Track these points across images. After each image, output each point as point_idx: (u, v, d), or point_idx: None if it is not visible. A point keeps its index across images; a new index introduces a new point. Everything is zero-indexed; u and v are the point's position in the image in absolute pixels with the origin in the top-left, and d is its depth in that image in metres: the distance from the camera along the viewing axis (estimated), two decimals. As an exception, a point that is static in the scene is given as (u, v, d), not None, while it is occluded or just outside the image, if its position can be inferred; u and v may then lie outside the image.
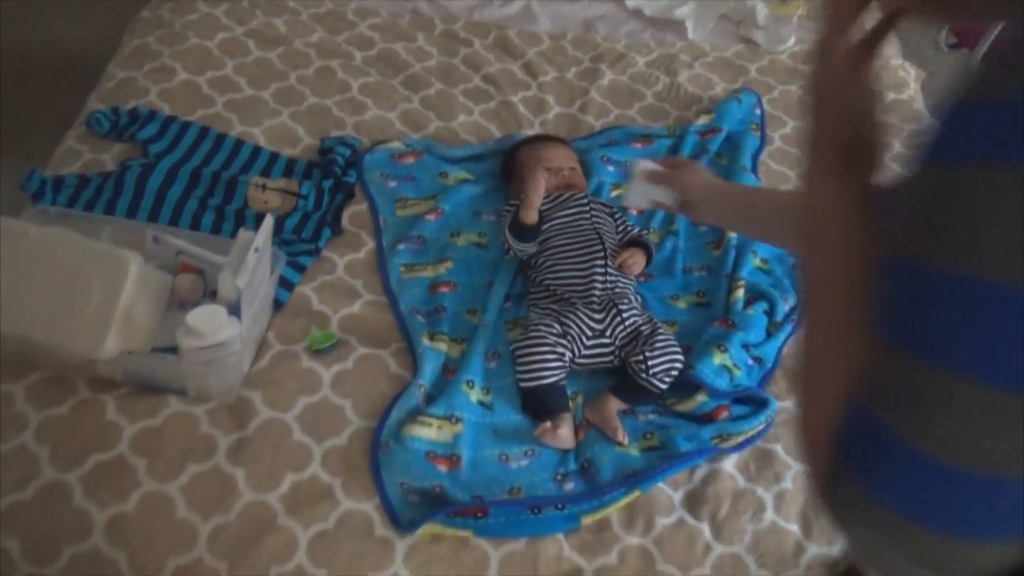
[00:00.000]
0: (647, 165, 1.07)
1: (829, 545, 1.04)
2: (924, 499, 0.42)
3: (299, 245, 1.26)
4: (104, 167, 1.35)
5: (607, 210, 1.32)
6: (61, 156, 1.36)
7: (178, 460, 1.02)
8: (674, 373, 1.12)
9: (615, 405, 1.12)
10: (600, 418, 1.11)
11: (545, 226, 1.26)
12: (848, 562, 1.02)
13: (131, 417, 1.05)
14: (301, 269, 1.23)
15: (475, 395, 1.10)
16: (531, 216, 1.22)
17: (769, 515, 1.05)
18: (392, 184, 1.38)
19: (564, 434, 1.07)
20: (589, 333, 1.15)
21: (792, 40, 1.79)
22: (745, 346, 1.18)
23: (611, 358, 1.17)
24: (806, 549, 1.04)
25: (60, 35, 2.28)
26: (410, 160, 1.42)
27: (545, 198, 1.30)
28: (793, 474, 1.09)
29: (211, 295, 1.14)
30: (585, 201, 1.30)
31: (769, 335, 1.22)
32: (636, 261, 1.24)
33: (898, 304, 0.42)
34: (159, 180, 1.31)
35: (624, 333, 1.15)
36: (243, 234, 1.03)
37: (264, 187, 1.33)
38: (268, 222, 1.04)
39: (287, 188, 1.34)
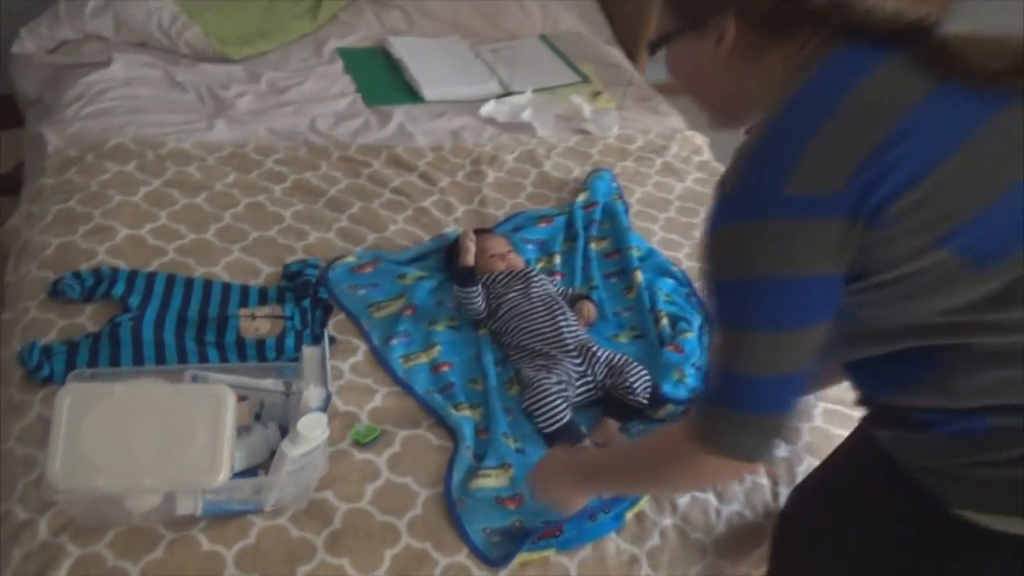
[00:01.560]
0: None
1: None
2: (756, 397, 0.80)
3: (306, 360, 1.40)
4: (85, 329, 1.38)
5: (547, 278, 1.62)
6: (30, 326, 1.37)
7: (287, 568, 1.12)
8: (649, 388, 1.43)
9: (614, 426, 1.40)
10: (607, 439, 1.38)
11: (506, 299, 1.53)
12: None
13: (226, 543, 1.12)
14: (318, 379, 1.37)
15: (512, 444, 1.32)
16: (465, 260, 1.55)
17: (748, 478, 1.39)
18: (361, 292, 1.57)
19: None
20: (576, 375, 1.43)
21: (615, 128, 2.26)
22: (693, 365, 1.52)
23: (595, 391, 1.45)
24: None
25: None
26: (369, 269, 1.61)
27: (499, 276, 1.57)
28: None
29: (256, 417, 1.25)
30: (531, 273, 1.59)
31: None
32: (591, 310, 1.55)
33: (720, 304, 0.80)
34: (151, 329, 1.38)
35: (601, 369, 1.44)
36: (307, 350, 1.18)
37: (254, 316, 1.45)
38: (326, 339, 1.19)
39: (274, 313, 1.47)
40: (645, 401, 1.42)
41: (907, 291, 0.75)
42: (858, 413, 1.01)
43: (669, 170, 2.16)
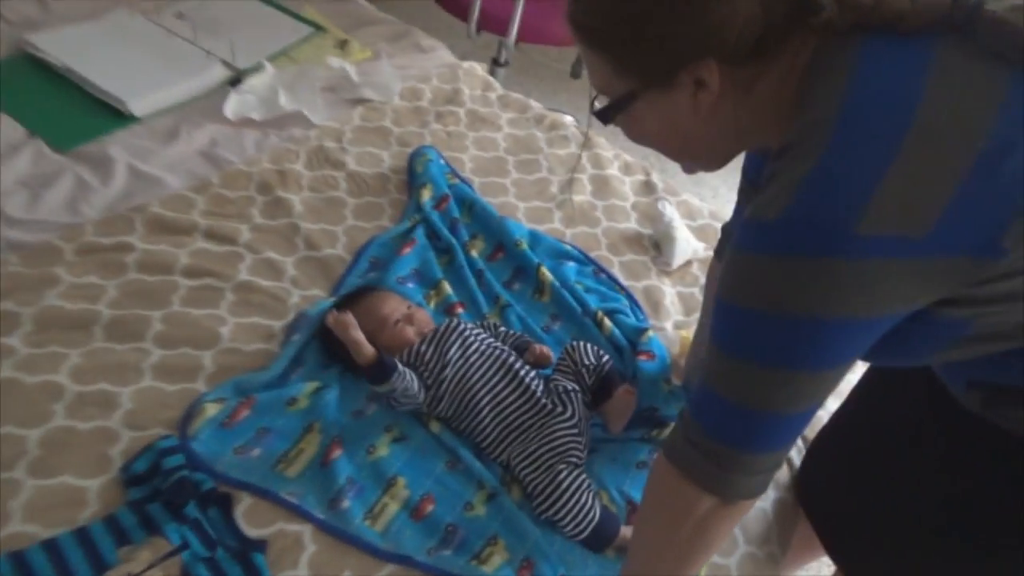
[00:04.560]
0: None
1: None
2: (772, 436, 0.72)
3: (251, 599, 0.94)
4: None
5: (471, 324, 1.27)
6: None
7: None
8: (598, 351, 1.26)
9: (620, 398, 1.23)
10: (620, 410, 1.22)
11: (444, 377, 1.17)
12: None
13: None
14: (289, 619, 0.93)
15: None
16: (365, 355, 1.13)
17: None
18: (255, 453, 1.09)
19: None
20: (576, 432, 1.15)
21: (398, 84, 1.83)
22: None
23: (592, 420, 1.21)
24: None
25: None
26: (244, 414, 1.12)
27: (418, 351, 1.20)
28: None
29: None
30: (457, 326, 1.23)
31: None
32: (545, 351, 1.26)
33: (747, 337, 0.69)
34: None
35: (579, 404, 1.19)
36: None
37: (132, 577, 0.93)
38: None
39: (155, 554, 0.95)
40: (596, 360, 1.24)
41: None
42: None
43: (479, 119, 1.84)
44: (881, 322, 0.66)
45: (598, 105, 0.78)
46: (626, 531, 1.10)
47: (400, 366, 1.14)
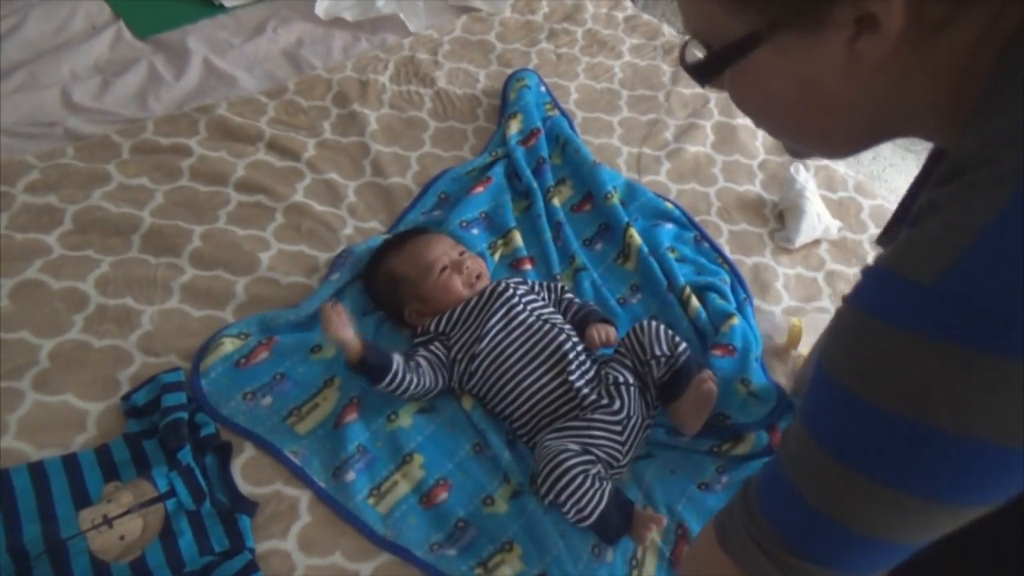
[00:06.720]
0: None
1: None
2: (866, 560, 0.50)
3: (228, 566, 0.86)
4: None
5: (528, 288, 1.10)
6: None
7: None
8: (673, 337, 1.04)
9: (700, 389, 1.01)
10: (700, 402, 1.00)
11: (481, 347, 1.01)
12: None
13: None
14: (261, 597, 0.84)
15: (588, 600, 0.89)
16: (353, 351, 0.95)
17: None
18: (266, 401, 0.99)
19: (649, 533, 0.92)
20: (618, 429, 0.97)
21: (510, -8, 1.63)
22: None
23: (650, 420, 1.02)
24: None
25: None
26: (262, 356, 1.02)
27: (460, 312, 1.04)
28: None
29: None
30: (504, 291, 1.06)
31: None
32: (609, 333, 1.07)
33: (864, 438, 0.46)
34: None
35: (636, 400, 1.00)
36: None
37: (108, 520, 0.86)
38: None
39: (140, 497, 0.88)
40: (669, 349, 1.02)
41: None
42: None
43: (596, 42, 1.60)
44: None
45: (698, 54, 0.53)
46: (641, 515, 0.92)
47: (397, 364, 0.97)
